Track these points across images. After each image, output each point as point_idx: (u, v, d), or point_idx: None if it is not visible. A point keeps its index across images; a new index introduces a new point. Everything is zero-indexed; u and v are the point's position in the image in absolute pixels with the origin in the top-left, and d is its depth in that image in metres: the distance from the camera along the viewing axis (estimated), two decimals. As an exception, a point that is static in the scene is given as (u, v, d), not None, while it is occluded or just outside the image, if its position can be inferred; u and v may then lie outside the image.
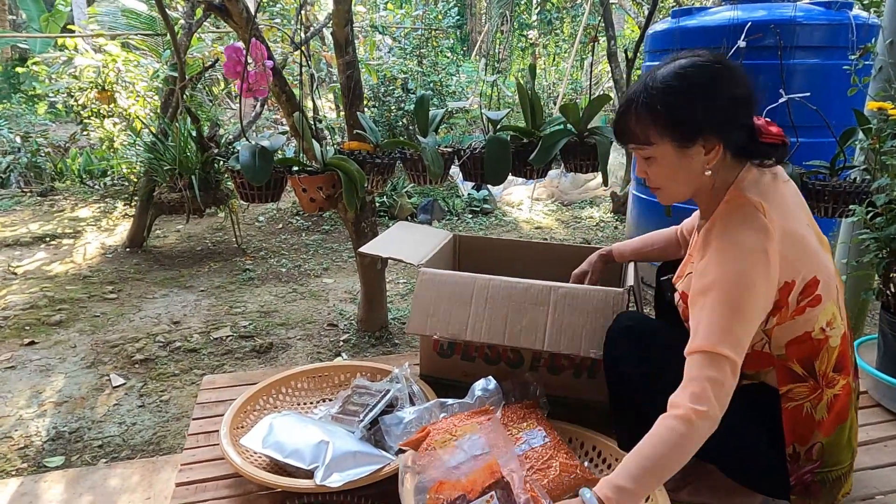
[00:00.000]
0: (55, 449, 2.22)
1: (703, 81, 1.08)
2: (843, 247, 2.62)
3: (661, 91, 1.09)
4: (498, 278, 1.64)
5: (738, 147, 1.13)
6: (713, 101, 1.08)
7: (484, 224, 5.26)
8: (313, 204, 2.03)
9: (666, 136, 1.10)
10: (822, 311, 1.12)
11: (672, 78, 1.09)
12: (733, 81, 1.09)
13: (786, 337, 1.13)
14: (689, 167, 1.12)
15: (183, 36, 3.75)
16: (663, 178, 1.16)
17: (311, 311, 3.43)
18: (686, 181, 1.15)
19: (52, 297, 3.53)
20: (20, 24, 10.31)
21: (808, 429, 1.16)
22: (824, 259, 1.14)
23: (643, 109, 1.10)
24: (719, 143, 1.10)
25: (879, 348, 1.79)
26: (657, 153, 1.13)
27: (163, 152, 3.70)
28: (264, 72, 1.77)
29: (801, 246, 1.10)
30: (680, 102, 1.08)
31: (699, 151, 1.11)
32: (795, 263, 1.08)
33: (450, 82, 6.66)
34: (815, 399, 1.15)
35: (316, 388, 1.79)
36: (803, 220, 1.15)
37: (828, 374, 1.14)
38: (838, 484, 1.22)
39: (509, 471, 1.25)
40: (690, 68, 1.09)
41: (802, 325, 1.12)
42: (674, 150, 1.11)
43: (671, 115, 1.08)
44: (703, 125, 1.08)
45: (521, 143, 2.08)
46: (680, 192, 1.18)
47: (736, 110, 1.10)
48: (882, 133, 1.84)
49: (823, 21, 2.88)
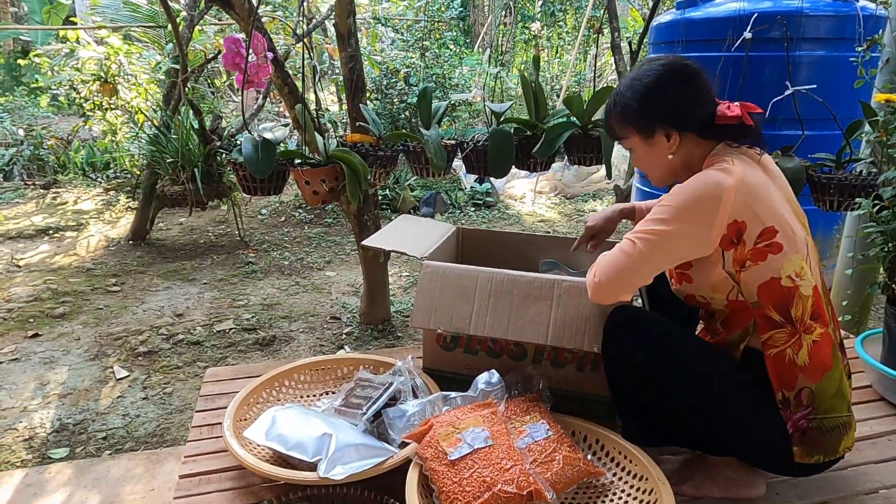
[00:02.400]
0: (59, 441, 2.23)
1: (651, 81, 1.29)
2: (849, 240, 2.61)
3: (623, 93, 1.32)
4: (501, 272, 1.64)
5: (696, 130, 1.29)
6: (662, 98, 1.28)
7: (487, 217, 5.25)
8: (316, 197, 2.02)
9: (633, 130, 1.33)
10: (786, 260, 1.21)
11: (631, 80, 1.32)
12: (680, 77, 1.29)
13: (754, 282, 1.23)
14: (657, 153, 1.33)
15: (185, 28, 3.74)
16: (643, 164, 1.38)
17: (314, 304, 3.43)
18: (659, 165, 1.35)
19: (56, 289, 3.54)
20: (22, 17, 10.29)
21: (791, 374, 1.23)
22: (790, 219, 1.24)
23: (615, 109, 1.35)
24: (674, 132, 1.29)
25: (884, 342, 1.78)
26: (632, 145, 1.36)
27: (165, 145, 3.70)
28: (265, 63, 1.76)
29: (761, 198, 1.21)
30: (636, 101, 1.30)
31: (661, 140, 1.30)
32: (751, 207, 1.20)
33: (453, 74, 6.63)
34: (795, 345, 1.22)
35: (319, 380, 1.79)
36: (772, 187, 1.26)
37: (804, 320, 1.22)
38: (837, 434, 1.24)
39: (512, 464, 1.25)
40: (644, 70, 1.31)
41: (768, 270, 1.21)
42: (641, 141, 1.33)
43: (631, 113, 1.31)
44: (656, 119, 1.29)
45: (525, 136, 2.07)
46: (659, 174, 1.37)
47: (684, 105, 1.28)
48: (889, 125, 1.82)
49: (830, 12, 2.85)
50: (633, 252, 1.23)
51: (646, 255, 1.23)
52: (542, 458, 1.32)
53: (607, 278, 1.27)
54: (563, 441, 1.38)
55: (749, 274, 1.22)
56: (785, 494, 1.38)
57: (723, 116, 1.27)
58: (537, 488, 1.23)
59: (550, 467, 1.30)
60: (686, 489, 1.37)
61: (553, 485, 1.27)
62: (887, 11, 2.47)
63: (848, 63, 2.34)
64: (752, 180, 1.22)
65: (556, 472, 1.29)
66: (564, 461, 1.32)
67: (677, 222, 1.20)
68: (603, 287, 1.28)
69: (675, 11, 3.33)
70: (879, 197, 1.70)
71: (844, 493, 1.39)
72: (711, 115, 1.27)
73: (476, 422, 1.37)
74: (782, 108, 2.11)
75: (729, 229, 1.20)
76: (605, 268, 1.28)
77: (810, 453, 1.24)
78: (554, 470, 1.30)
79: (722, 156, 1.26)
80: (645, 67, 1.31)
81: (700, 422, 1.29)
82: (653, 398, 1.32)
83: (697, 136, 1.29)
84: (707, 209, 1.19)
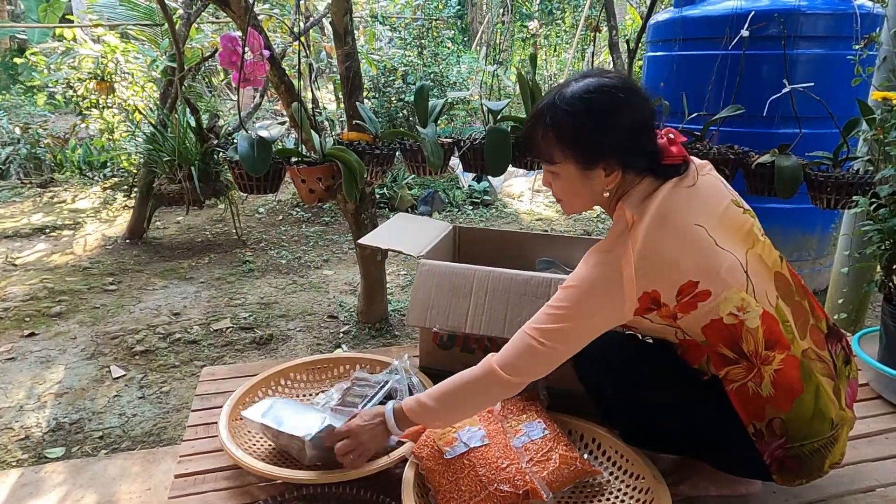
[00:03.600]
0: (56, 440, 2.22)
1: (607, 108, 1.11)
2: (846, 238, 2.61)
3: (566, 113, 1.12)
4: (498, 270, 1.63)
5: (639, 170, 1.16)
6: (615, 129, 1.12)
7: (484, 215, 5.25)
8: (312, 195, 2.01)
9: (569, 157, 1.15)
10: (721, 300, 1.12)
11: (578, 101, 1.12)
12: (636, 108, 1.13)
13: (695, 326, 1.15)
14: (590, 187, 1.18)
15: (182, 26, 3.73)
16: (565, 192, 1.22)
17: (312, 302, 3.43)
18: (586, 199, 1.22)
19: (53, 288, 3.53)
20: (18, 14, 10.26)
21: (758, 406, 1.15)
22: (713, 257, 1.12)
23: (549, 128, 1.15)
24: (619, 169, 1.15)
25: (881, 340, 1.78)
26: (561, 171, 1.18)
27: (162, 143, 3.69)
28: (261, 61, 1.76)
29: (665, 260, 1.11)
30: (583, 128, 1.12)
31: (600, 174, 1.15)
32: (657, 275, 1.11)
33: (450, 73, 6.62)
34: (756, 378, 1.14)
35: (315, 379, 1.78)
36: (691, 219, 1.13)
37: (760, 352, 1.14)
38: (819, 457, 1.17)
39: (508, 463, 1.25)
40: (596, 93, 1.11)
41: (706, 315, 1.13)
42: (576, 171, 1.16)
43: (574, 140, 1.13)
44: (604, 152, 1.13)
45: (522, 134, 2.06)
46: (580, 206, 1.25)
47: (637, 137, 1.14)
48: (886, 123, 1.82)
49: (827, 10, 2.85)
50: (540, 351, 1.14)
51: (557, 350, 1.14)
52: (539, 457, 1.32)
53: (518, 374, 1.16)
54: (560, 440, 1.38)
55: (686, 321, 1.15)
56: (781, 492, 1.38)
57: (669, 155, 1.16)
58: (533, 487, 1.22)
59: (547, 466, 1.30)
60: (683, 489, 1.36)
61: (549, 484, 1.27)
62: (884, 10, 2.47)
63: (845, 61, 2.34)
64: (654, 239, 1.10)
65: (552, 472, 1.29)
66: (561, 460, 1.32)
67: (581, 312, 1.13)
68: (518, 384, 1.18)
69: (672, 10, 3.32)
70: (876, 195, 1.69)
71: (841, 491, 1.39)
72: (657, 153, 1.16)
73: (472, 420, 1.37)
74: (780, 106, 2.11)
75: (641, 302, 1.12)
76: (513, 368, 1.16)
77: (791, 479, 1.20)
78: (550, 469, 1.30)
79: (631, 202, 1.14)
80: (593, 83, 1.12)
81: (681, 442, 1.30)
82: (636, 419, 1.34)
83: (635, 172, 1.17)
84: (609, 292, 1.11)
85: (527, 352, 1.16)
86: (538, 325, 1.16)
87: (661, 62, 3.36)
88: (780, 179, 1.91)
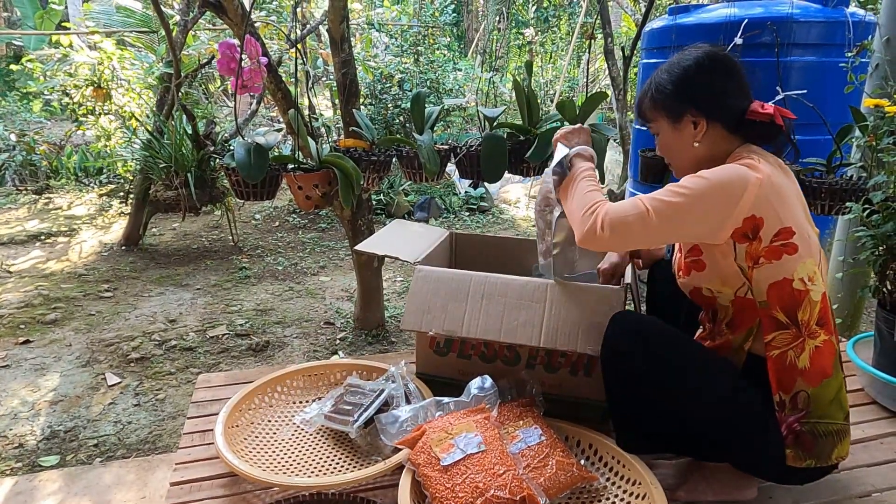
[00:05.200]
0: (50, 448, 2.21)
1: (691, 68, 1.29)
2: (840, 244, 2.62)
3: (660, 76, 1.33)
4: (494, 275, 1.64)
5: (726, 123, 1.29)
6: (696, 85, 1.29)
7: (481, 222, 5.25)
8: (309, 202, 2.02)
9: (662, 113, 1.33)
10: (800, 262, 1.21)
11: (670, 64, 1.32)
12: (718, 70, 1.29)
13: (766, 280, 1.22)
14: (682, 139, 1.32)
15: (178, 33, 3.74)
16: (667, 149, 1.37)
17: (308, 309, 3.42)
18: (682, 152, 1.34)
19: (48, 295, 3.52)
20: (15, 21, 10.26)
21: (790, 377, 1.22)
22: (804, 224, 1.25)
23: (650, 91, 1.35)
24: (703, 119, 1.29)
25: (875, 346, 1.79)
26: (658, 129, 1.36)
27: (158, 150, 3.69)
28: (258, 68, 1.76)
29: (783, 197, 1.22)
30: (670, 85, 1.30)
31: (688, 126, 1.30)
32: (771, 206, 1.20)
33: (446, 80, 6.64)
34: (798, 347, 1.22)
35: (312, 386, 1.78)
36: (790, 187, 1.26)
37: (810, 325, 1.22)
38: (830, 441, 1.23)
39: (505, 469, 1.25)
40: (686, 58, 1.31)
41: (781, 271, 1.21)
42: (669, 125, 1.33)
43: (663, 95, 1.32)
44: (686, 104, 1.29)
45: (518, 141, 2.07)
46: (682, 163, 1.36)
47: (718, 94, 1.28)
48: (878, 130, 1.83)
49: (820, 18, 2.87)
50: (645, 218, 1.20)
51: (655, 225, 1.20)
52: (536, 463, 1.32)
53: (612, 232, 1.21)
54: (557, 446, 1.38)
55: (762, 271, 1.21)
56: (779, 499, 1.38)
57: (755, 112, 1.26)
58: (530, 493, 1.22)
59: (543, 472, 1.30)
60: (680, 494, 1.37)
61: (546, 490, 1.27)
62: (876, 17, 2.50)
63: (838, 68, 2.36)
64: (777, 180, 1.22)
65: (549, 478, 1.29)
66: (557, 466, 1.32)
67: (695, 201, 1.19)
68: (603, 239, 1.23)
69: (667, 17, 3.34)
70: (869, 201, 1.71)
71: (837, 496, 1.40)
72: (743, 111, 1.27)
73: (469, 427, 1.37)
74: (773, 113, 2.12)
75: (745, 223, 1.19)
76: (612, 222, 1.21)
77: (802, 457, 1.23)
78: (547, 475, 1.30)
79: (748, 154, 1.26)
80: (686, 52, 1.32)
81: (697, 429, 1.29)
82: (651, 405, 1.31)
83: (725, 129, 1.29)
84: (728, 198, 1.18)
85: (629, 208, 1.22)
86: (653, 195, 1.22)
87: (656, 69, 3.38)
88: (775, 185, 1.91)
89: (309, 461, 1.48)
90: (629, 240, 1.25)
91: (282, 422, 1.64)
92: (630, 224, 1.21)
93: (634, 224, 1.21)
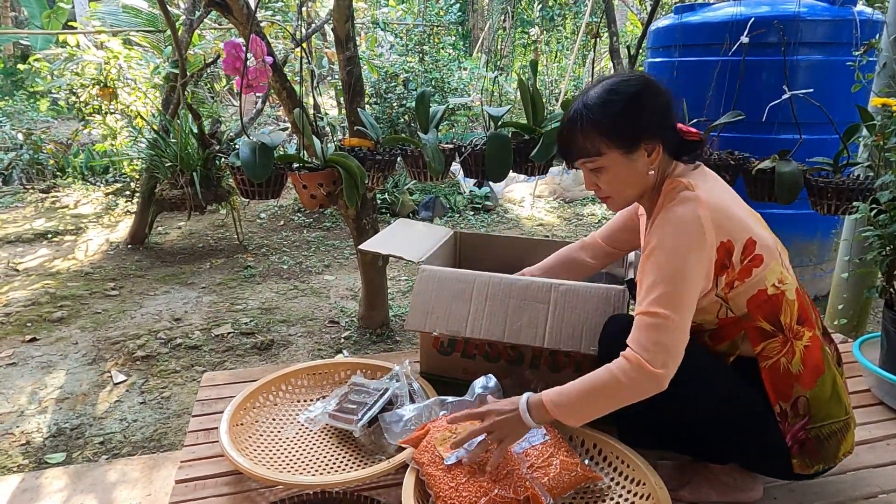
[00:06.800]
0: (56, 445, 2.22)
1: (634, 93, 1.22)
2: (846, 244, 2.61)
3: (600, 107, 1.22)
4: (498, 275, 1.63)
5: (672, 145, 1.27)
6: (645, 109, 1.22)
7: (486, 221, 5.25)
8: (314, 201, 2.02)
9: (613, 145, 1.22)
10: (768, 270, 1.21)
11: (607, 94, 1.23)
12: (656, 91, 1.24)
13: (743, 298, 1.22)
14: (636, 170, 1.25)
15: (184, 32, 3.75)
16: (614, 184, 1.28)
17: (313, 308, 3.43)
18: (634, 184, 1.27)
19: (54, 293, 3.54)
20: (22, 21, 10.32)
21: (787, 384, 1.22)
22: (756, 227, 1.24)
23: (588, 125, 1.23)
24: (659, 144, 1.23)
25: (882, 346, 1.78)
26: (607, 162, 1.24)
27: (164, 149, 3.70)
28: (264, 68, 1.77)
29: (729, 214, 1.20)
30: (619, 114, 1.21)
31: (643, 154, 1.24)
32: (727, 226, 1.19)
33: (451, 79, 6.64)
34: (788, 353, 1.22)
35: (316, 385, 1.78)
36: (728, 196, 1.26)
37: (793, 326, 1.23)
38: (835, 441, 1.24)
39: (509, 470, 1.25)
40: (620, 84, 1.23)
41: (754, 285, 1.22)
42: (621, 157, 1.23)
43: (614, 127, 1.21)
44: (642, 130, 1.22)
45: (523, 140, 2.07)
46: (629, 196, 1.30)
47: (665, 114, 1.25)
48: (886, 129, 1.82)
49: (827, 17, 2.86)
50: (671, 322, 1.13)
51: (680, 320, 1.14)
52: (539, 462, 1.32)
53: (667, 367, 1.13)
54: (561, 446, 1.38)
55: (737, 292, 1.22)
56: (783, 499, 1.37)
57: (689, 132, 1.27)
58: (534, 493, 1.22)
59: (547, 472, 1.30)
60: (684, 494, 1.36)
61: (550, 490, 1.27)
62: (884, 16, 2.48)
63: (845, 67, 2.35)
64: (715, 197, 1.20)
65: (552, 477, 1.29)
66: (561, 466, 1.31)
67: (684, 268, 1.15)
68: (669, 375, 1.14)
69: (673, 16, 3.33)
70: (877, 200, 1.70)
71: (843, 497, 1.39)
72: (680, 131, 1.28)
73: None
74: (780, 111, 2.11)
75: (719, 252, 1.18)
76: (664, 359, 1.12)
77: (809, 464, 1.24)
78: (551, 475, 1.29)
79: (682, 177, 1.24)
80: (614, 80, 1.24)
81: (698, 430, 1.29)
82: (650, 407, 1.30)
83: (668, 152, 1.27)
84: (696, 241, 1.15)
85: (655, 333, 1.13)
86: (648, 302, 1.16)
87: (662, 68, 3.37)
88: (781, 185, 1.91)
89: (313, 460, 1.49)
90: (679, 354, 1.15)
91: (286, 420, 1.64)
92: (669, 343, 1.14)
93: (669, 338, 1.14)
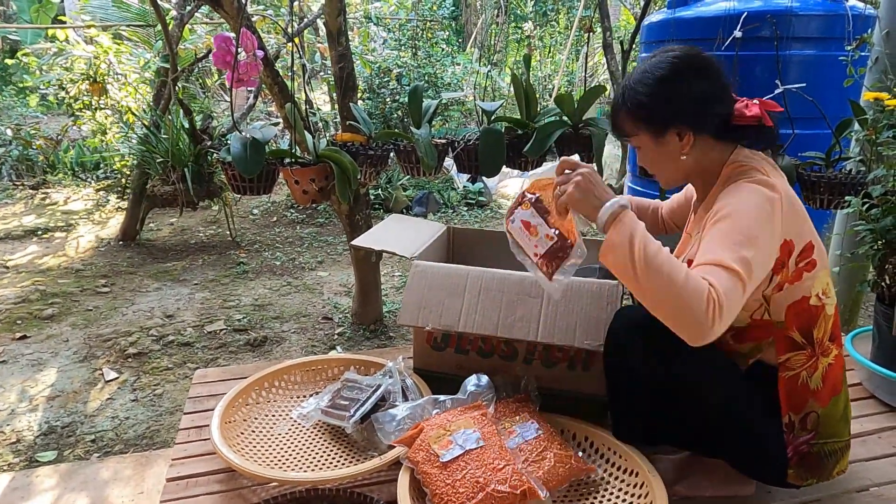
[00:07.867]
0: (47, 443, 2.20)
1: (669, 76, 1.16)
2: (838, 238, 2.62)
3: (634, 87, 1.19)
4: (491, 270, 1.63)
5: (713, 133, 1.19)
6: (677, 95, 1.16)
7: (479, 216, 5.24)
8: (306, 196, 2.00)
9: (641, 128, 1.20)
10: (817, 277, 1.16)
11: (643, 75, 1.18)
12: (699, 75, 1.16)
13: (785, 302, 1.16)
14: (668, 153, 1.21)
15: (175, 27, 3.71)
16: (651, 163, 1.26)
17: (306, 304, 3.42)
18: (669, 166, 1.24)
19: (45, 290, 3.51)
20: (10, 16, 10.20)
21: (802, 398, 1.19)
22: (816, 233, 1.19)
23: (624, 104, 1.21)
24: (689, 132, 1.18)
25: (874, 340, 1.79)
26: (639, 143, 1.23)
27: (155, 145, 3.67)
28: (255, 62, 1.75)
29: (799, 209, 1.15)
30: (648, 97, 1.17)
31: (673, 139, 1.19)
32: (795, 224, 1.13)
33: (444, 74, 6.61)
34: (811, 367, 1.19)
35: (309, 381, 1.78)
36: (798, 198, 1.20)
37: (824, 342, 1.19)
38: (835, 459, 1.23)
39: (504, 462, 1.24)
40: (660, 65, 1.17)
41: (800, 290, 1.16)
42: (651, 140, 1.21)
43: (642, 110, 1.18)
44: (669, 117, 1.17)
45: (516, 135, 2.06)
46: (670, 176, 1.27)
47: (702, 101, 1.16)
48: (878, 124, 1.83)
49: (820, 11, 2.86)
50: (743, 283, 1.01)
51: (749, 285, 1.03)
52: (534, 456, 1.32)
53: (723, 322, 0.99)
54: (554, 439, 1.38)
55: (782, 295, 1.15)
56: (776, 493, 1.38)
57: (741, 116, 1.17)
58: (530, 487, 1.22)
59: (542, 466, 1.30)
60: (680, 489, 1.36)
61: (545, 483, 1.27)
62: (876, 11, 2.49)
63: (838, 62, 2.35)
64: (789, 192, 1.13)
65: (547, 471, 1.29)
66: (555, 459, 1.32)
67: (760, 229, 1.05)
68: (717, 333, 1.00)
69: (666, 11, 3.33)
70: (869, 195, 1.70)
71: (835, 491, 1.39)
72: (729, 115, 1.18)
73: (467, 423, 1.36)
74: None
75: (781, 250, 1.10)
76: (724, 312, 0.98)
77: (804, 477, 1.23)
78: (545, 468, 1.30)
79: (748, 163, 1.16)
80: (658, 58, 1.18)
81: (697, 426, 1.28)
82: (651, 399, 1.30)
83: (713, 138, 1.19)
84: (770, 222, 1.07)
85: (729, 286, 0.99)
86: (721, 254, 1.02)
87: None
88: (774, 180, 1.91)
89: (305, 456, 1.48)
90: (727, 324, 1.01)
91: (279, 417, 1.63)
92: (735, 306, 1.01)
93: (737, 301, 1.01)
